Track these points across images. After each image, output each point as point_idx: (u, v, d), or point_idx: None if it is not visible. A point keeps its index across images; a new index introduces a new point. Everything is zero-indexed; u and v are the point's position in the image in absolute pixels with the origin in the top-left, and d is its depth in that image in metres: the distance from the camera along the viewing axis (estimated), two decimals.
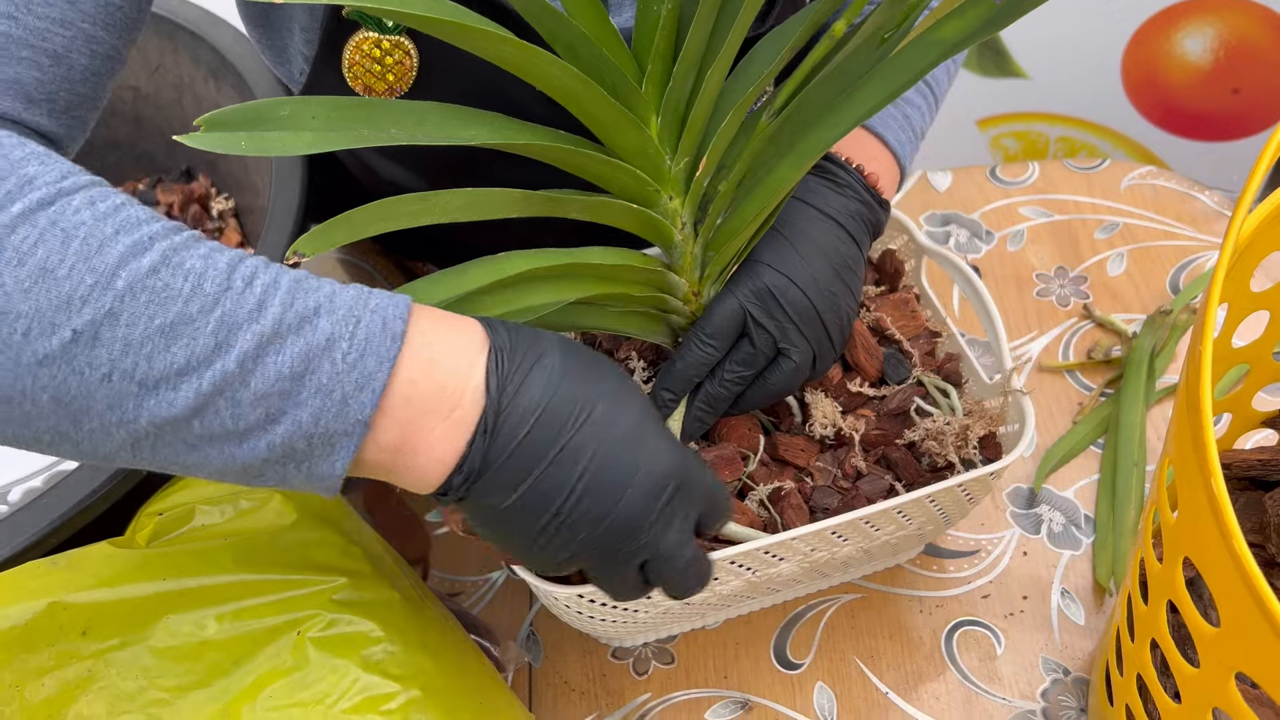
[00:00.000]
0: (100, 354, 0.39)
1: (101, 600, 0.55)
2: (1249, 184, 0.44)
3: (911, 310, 0.72)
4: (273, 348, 0.41)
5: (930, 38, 0.55)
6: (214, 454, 0.42)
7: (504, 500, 0.46)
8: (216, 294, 0.41)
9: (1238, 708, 0.43)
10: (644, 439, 0.49)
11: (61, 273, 0.39)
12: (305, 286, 0.43)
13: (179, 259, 0.41)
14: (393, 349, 0.43)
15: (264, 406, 0.41)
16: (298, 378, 0.41)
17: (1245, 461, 0.63)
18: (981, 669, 0.73)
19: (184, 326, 0.40)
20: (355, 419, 0.42)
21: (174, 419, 0.41)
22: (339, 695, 0.53)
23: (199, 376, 0.40)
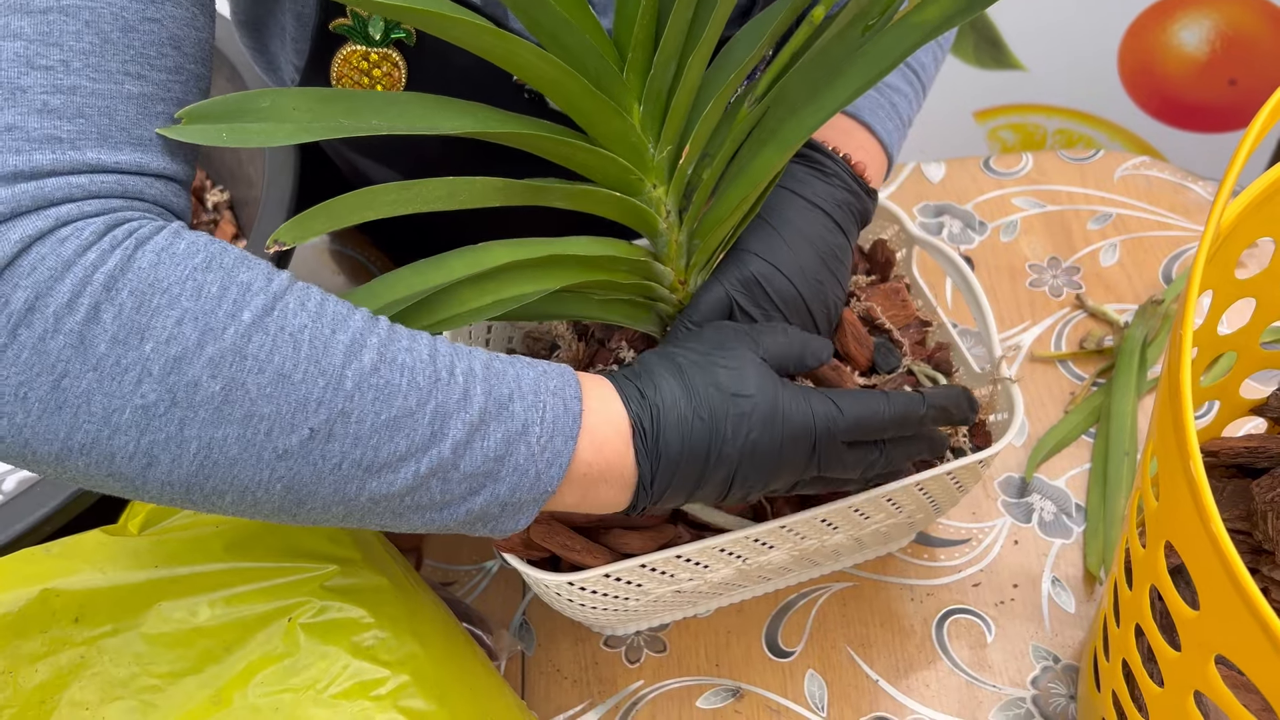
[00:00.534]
0: (333, 448, 0.44)
1: (94, 587, 0.55)
2: (1229, 171, 0.44)
3: (902, 299, 0.73)
4: (479, 434, 0.47)
5: (911, 21, 0.56)
6: (415, 519, 0.48)
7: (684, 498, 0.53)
8: (429, 386, 0.46)
9: (1218, 690, 0.44)
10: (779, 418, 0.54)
11: (297, 377, 0.43)
12: (495, 370, 0.49)
13: (391, 354, 0.46)
14: (574, 428, 0.49)
15: (469, 484, 0.47)
16: (500, 459, 0.47)
17: (1232, 449, 0.63)
18: (972, 657, 0.73)
19: (405, 419, 0.45)
20: (545, 490, 0.49)
21: (390, 495, 0.46)
22: (329, 681, 0.53)
23: (417, 461, 0.45)
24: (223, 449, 0.42)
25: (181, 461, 0.42)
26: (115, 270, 0.41)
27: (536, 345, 0.77)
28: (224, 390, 0.42)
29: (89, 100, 0.44)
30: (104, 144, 0.44)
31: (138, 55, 0.46)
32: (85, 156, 0.43)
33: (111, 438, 0.41)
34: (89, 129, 0.44)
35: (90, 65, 0.44)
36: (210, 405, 0.42)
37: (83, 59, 0.44)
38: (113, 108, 0.45)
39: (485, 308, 0.58)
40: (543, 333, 0.77)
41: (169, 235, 0.43)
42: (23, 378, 0.40)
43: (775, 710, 0.71)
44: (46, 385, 0.40)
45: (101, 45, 0.45)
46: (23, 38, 0.42)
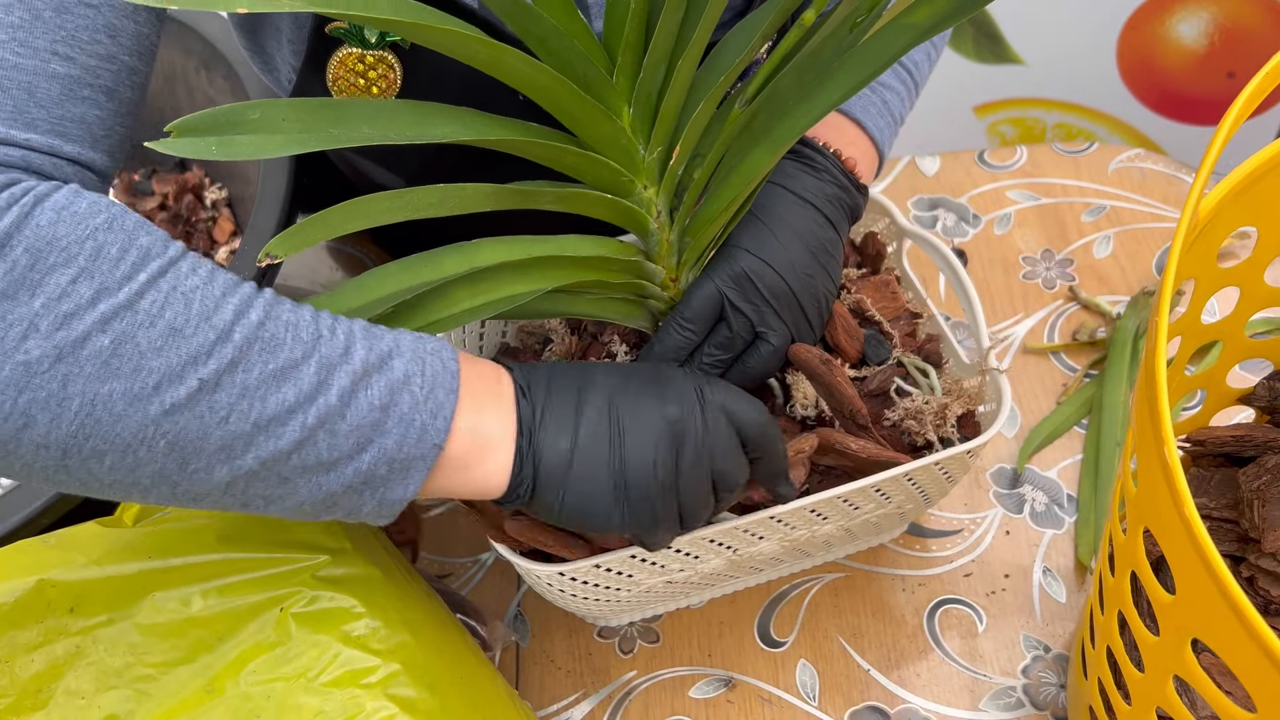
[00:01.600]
0: (220, 398, 0.43)
1: (89, 578, 0.56)
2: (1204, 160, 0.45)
3: (892, 292, 0.73)
4: (363, 384, 0.47)
5: (901, 23, 0.56)
6: (302, 485, 0.47)
7: (564, 444, 0.52)
8: (312, 340, 0.46)
9: (1194, 674, 0.44)
10: (653, 364, 0.57)
11: (188, 331, 0.43)
12: (374, 333, 0.49)
13: (276, 312, 0.46)
14: (454, 382, 0.50)
15: (356, 436, 0.46)
16: (385, 409, 0.47)
17: (1219, 438, 0.63)
18: (963, 646, 0.73)
19: (291, 370, 0.45)
20: (431, 444, 0.48)
21: (278, 453, 0.45)
22: (320, 669, 0.54)
23: (304, 412, 0.45)
24: (107, 405, 0.42)
25: (61, 420, 0.41)
26: (10, 227, 0.41)
27: (530, 339, 0.78)
28: (113, 344, 0.41)
29: (9, 73, 0.44)
30: (17, 120, 0.44)
31: (69, 37, 0.46)
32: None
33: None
34: (4, 102, 0.44)
35: (16, 39, 0.44)
36: (98, 360, 0.41)
37: (9, 32, 0.44)
38: (34, 84, 0.45)
39: (479, 308, 0.58)
40: (536, 326, 0.77)
41: (69, 194, 0.43)
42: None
43: (767, 700, 0.72)
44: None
45: (32, 21, 0.45)
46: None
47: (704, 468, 0.55)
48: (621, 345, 0.69)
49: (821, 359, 0.64)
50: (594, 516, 0.53)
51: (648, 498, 0.53)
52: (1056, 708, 0.70)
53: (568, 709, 0.72)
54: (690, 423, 0.54)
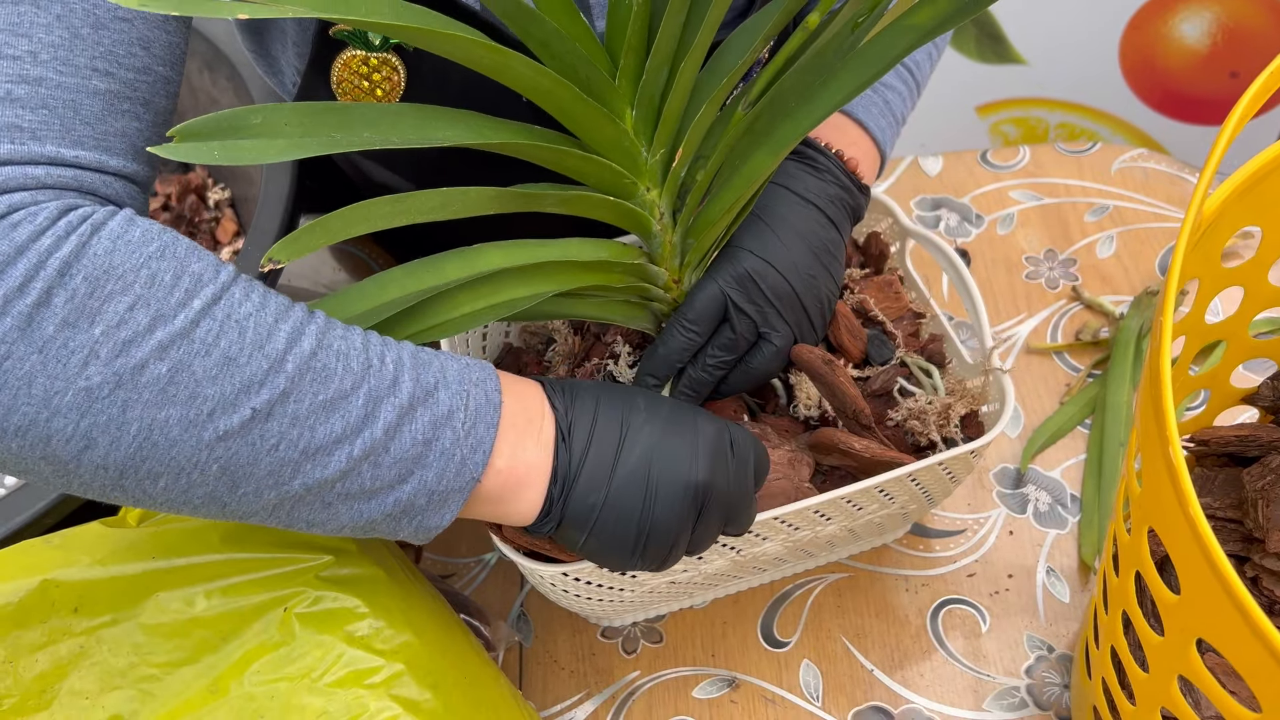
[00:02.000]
0: (272, 428, 0.44)
1: (93, 578, 0.56)
2: (1209, 160, 0.45)
3: (895, 292, 0.73)
4: (408, 418, 0.47)
5: (903, 24, 0.56)
6: (344, 510, 0.48)
7: (599, 496, 0.53)
8: (362, 371, 0.47)
9: (1199, 674, 0.44)
10: (690, 411, 0.57)
11: (242, 360, 0.44)
12: (422, 361, 0.50)
13: (328, 341, 0.47)
14: (495, 416, 0.51)
15: (398, 469, 0.47)
16: (428, 443, 0.48)
17: (1223, 438, 0.63)
18: (967, 647, 0.73)
19: (340, 401, 0.46)
20: (470, 477, 0.49)
21: (323, 481, 0.46)
22: (324, 669, 0.54)
23: (351, 443, 0.46)
24: (164, 430, 0.42)
25: (120, 443, 0.42)
26: (70, 256, 0.41)
27: (533, 339, 0.78)
28: (170, 372, 0.42)
29: (54, 93, 0.44)
30: (65, 138, 0.45)
31: (107, 53, 0.46)
32: (45, 149, 0.44)
33: (50, 420, 0.41)
34: (52, 121, 0.44)
35: (58, 59, 0.45)
36: (155, 387, 0.42)
37: (51, 51, 0.44)
38: (78, 102, 0.45)
39: (481, 312, 0.59)
40: (539, 327, 0.77)
41: (123, 222, 0.44)
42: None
43: (771, 700, 0.71)
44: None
45: (71, 40, 0.45)
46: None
47: (719, 519, 0.57)
48: (625, 346, 0.69)
49: (824, 359, 0.64)
50: (609, 561, 0.55)
51: (663, 550, 0.55)
52: (1060, 708, 0.70)
53: (571, 709, 0.72)
54: (718, 483, 0.55)
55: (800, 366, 0.65)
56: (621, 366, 0.68)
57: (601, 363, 0.70)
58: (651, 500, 0.53)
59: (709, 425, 0.56)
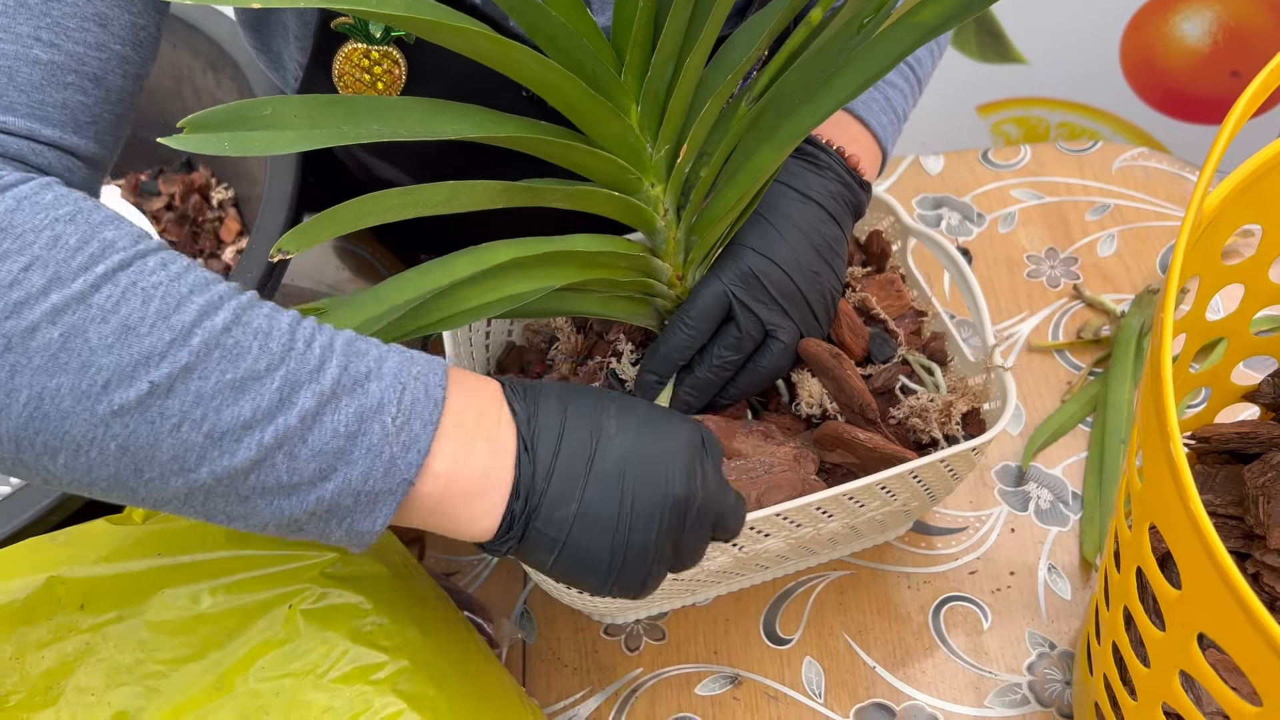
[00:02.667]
0: (173, 405, 0.41)
1: (99, 575, 0.56)
2: (1209, 158, 0.45)
3: (897, 290, 0.73)
4: (330, 407, 0.44)
5: (908, 21, 0.56)
6: (263, 506, 0.44)
7: (568, 510, 0.49)
8: (282, 353, 0.43)
9: (1200, 669, 0.44)
10: (665, 415, 0.53)
11: (143, 330, 0.41)
12: (356, 349, 0.46)
13: (247, 318, 0.43)
14: (435, 414, 0.46)
15: (318, 462, 0.44)
16: (351, 437, 0.44)
17: (1224, 435, 0.64)
18: (968, 644, 0.73)
19: (252, 382, 0.42)
20: (400, 478, 0.45)
21: (233, 471, 0.43)
22: (329, 666, 0.54)
23: (262, 430, 0.42)
24: (55, 400, 0.40)
25: (10, 412, 0.40)
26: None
27: (536, 338, 0.78)
28: (62, 337, 0.40)
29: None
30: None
31: (54, 24, 0.46)
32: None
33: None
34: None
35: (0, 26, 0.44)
36: (46, 352, 0.40)
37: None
38: (14, 69, 0.45)
39: (488, 305, 0.59)
40: (542, 325, 0.78)
41: (37, 185, 0.43)
42: None
43: (773, 697, 0.72)
44: None
45: (16, 7, 0.45)
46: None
47: (706, 528, 0.54)
48: (627, 344, 0.70)
49: (832, 353, 0.64)
50: (581, 584, 0.51)
51: (641, 572, 0.51)
52: (1062, 704, 0.70)
53: (574, 706, 0.72)
54: (700, 490, 0.52)
55: (807, 360, 0.65)
56: (624, 364, 0.68)
57: (604, 361, 0.70)
58: (628, 515, 0.50)
59: (684, 427, 0.53)
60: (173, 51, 0.93)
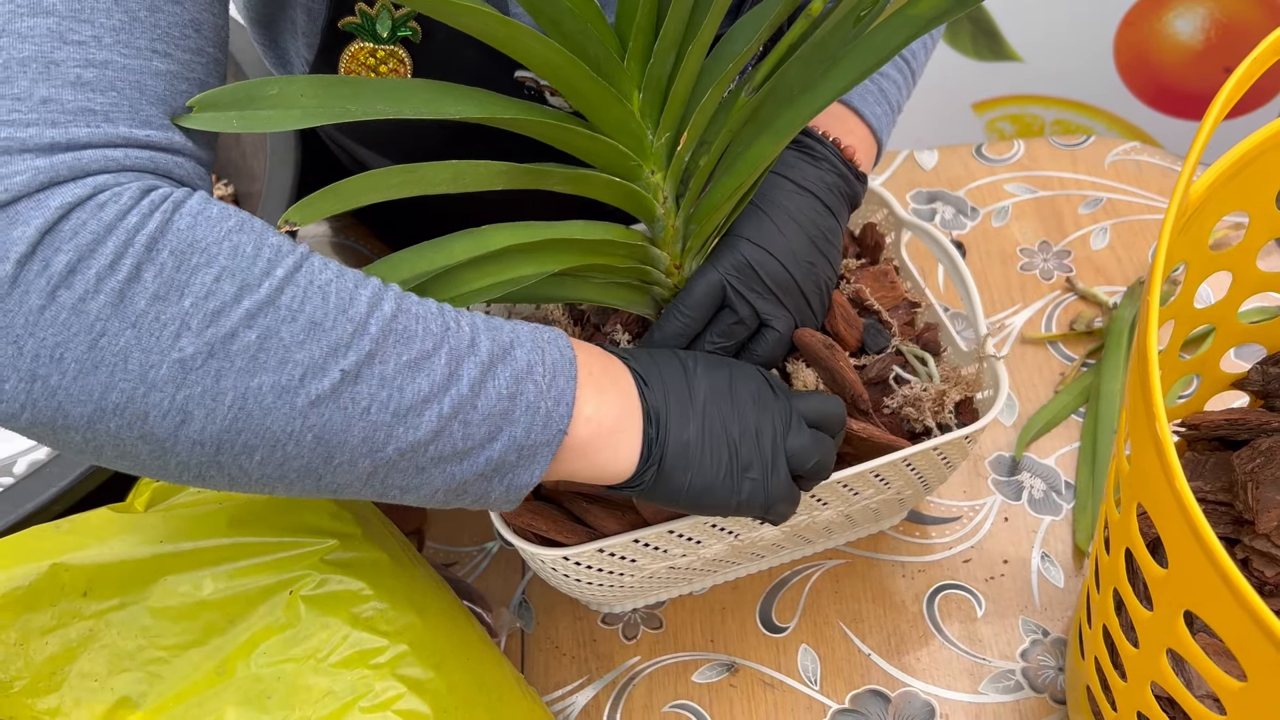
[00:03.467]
0: (361, 390, 0.45)
1: (102, 562, 0.57)
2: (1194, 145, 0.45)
3: (891, 281, 0.74)
4: (490, 374, 0.49)
5: (906, 14, 0.57)
6: (436, 475, 0.49)
7: (691, 430, 0.55)
8: (441, 332, 0.48)
9: (1187, 646, 0.45)
10: (720, 358, 0.61)
11: (328, 324, 0.45)
12: (494, 324, 0.52)
13: (405, 305, 0.48)
14: (572, 370, 0.52)
15: (488, 425, 0.49)
16: (512, 398, 0.49)
17: (1213, 422, 0.64)
18: (963, 631, 0.74)
19: (424, 361, 0.47)
20: (557, 429, 0.51)
21: (416, 444, 0.47)
22: (330, 650, 0.55)
23: (439, 402, 0.47)
24: (258, 398, 0.43)
25: (216, 415, 0.43)
26: (155, 232, 0.42)
27: None
28: (259, 339, 0.43)
29: (120, 75, 0.45)
30: (136, 118, 0.45)
31: (164, 34, 0.47)
32: (119, 130, 0.44)
33: (147, 395, 0.42)
34: (121, 103, 0.45)
35: (120, 41, 0.45)
36: (246, 354, 0.43)
37: (113, 35, 0.45)
38: (143, 83, 0.46)
39: (485, 289, 0.59)
40: (538, 317, 0.78)
41: (201, 200, 0.45)
42: (59, 338, 0.41)
43: (769, 684, 0.72)
44: (83, 345, 0.41)
45: (130, 23, 0.46)
46: (55, 14, 0.43)
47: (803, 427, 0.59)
48: (624, 335, 0.70)
49: (825, 343, 0.65)
50: (714, 499, 0.56)
51: (763, 471, 0.57)
52: (1055, 690, 0.71)
53: (572, 694, 0.73)
54: (782, 401, 0.59)
55: (801, 350, 0.66)
56: None
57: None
58: (734, 419, 0.56)
59: (743, 366, 0.60)
60: None
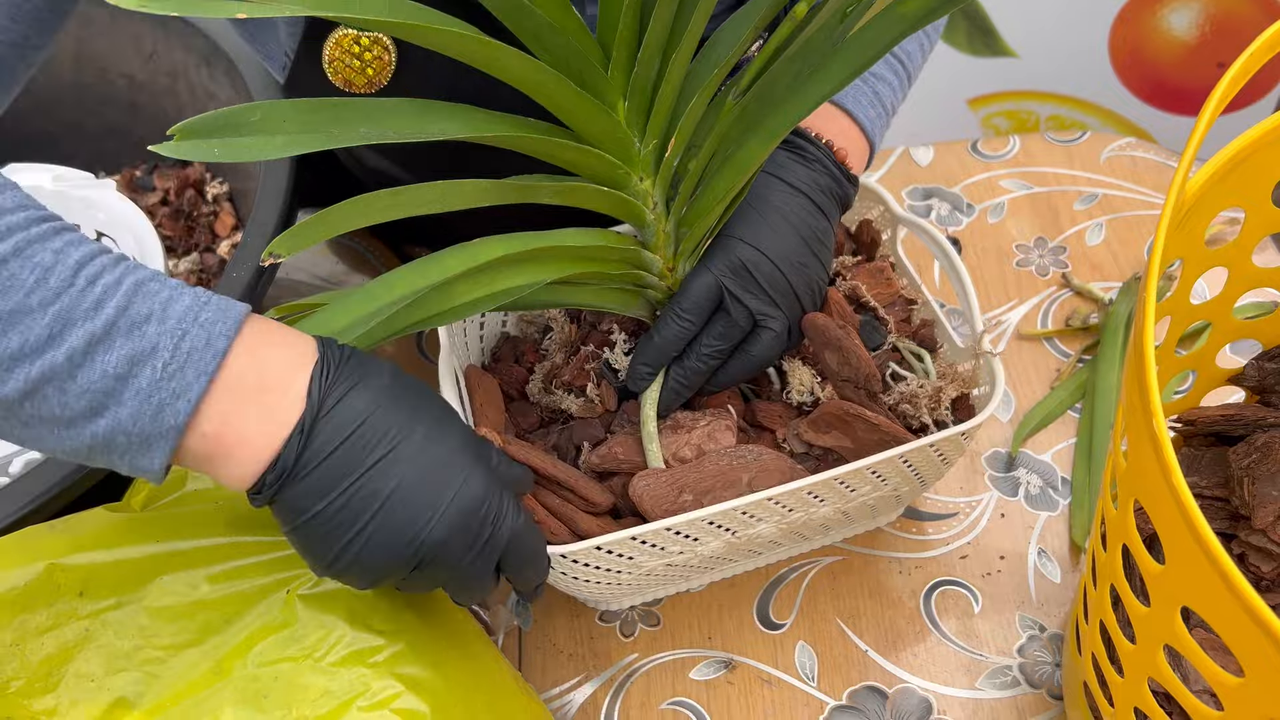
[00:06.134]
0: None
1: (98, 562, 0.57)
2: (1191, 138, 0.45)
3: (886, 278, 0.74)
4: (101, 347, 0.44)
5: (895, 12, 0.57)
6: (45, 434, 0.46)
7: (313, 506, 0.49)
8: (59, 289, 0.44)
9: (1184, 641, 0.45)
10: (462, 466, 0.52)
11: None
12: (146, 290, 0.46)
13: (31, 251, 0.44)
14: (211, 364, 0.46)
15: (87, 400, 0.44)
16: (121, 379, 0.45)
17: (1209, 418, 0.64)
18: (960, 627, 0.74)
19: (23, 316, 0.43)
20: (169, 424, 0.46)
21: (6, 399, 0.44)
22: (327, 649, 0.55)
23: (29, 364, 0.43)
24: None
25: None
26: None
27: (530, 328, 0.79)
28: None
29: None
30: None
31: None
32: None
33: None
34: None
35: None
36: None
37: None
38: None
39: (479, 300, 0.60)
40: (536, 315, 0.78)
41: None
42: None
43: (767, 681, 0.72)
44: None
45: None
46: None
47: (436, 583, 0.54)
48: (620, 334, 0.70)
49: (838, 324, 0.65)
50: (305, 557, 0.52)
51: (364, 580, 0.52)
52: (1052, 686, 0.71)
53: (570, 692, 0.73)
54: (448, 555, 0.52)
55: (813, 334, 0.66)
56: (617, 354, 0.69)
57: (597, 350, 0.71)
58: (364, 539, 0.50)
59: (478, 488, 0.52)
60: (167, 47, 0.94)
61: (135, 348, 0.45)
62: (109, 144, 1.02)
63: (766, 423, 0.69)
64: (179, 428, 0.46)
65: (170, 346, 0.45)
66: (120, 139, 1.01)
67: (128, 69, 0.97)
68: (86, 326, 0.44)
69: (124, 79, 0.98)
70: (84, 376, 0.44)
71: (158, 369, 0.45)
